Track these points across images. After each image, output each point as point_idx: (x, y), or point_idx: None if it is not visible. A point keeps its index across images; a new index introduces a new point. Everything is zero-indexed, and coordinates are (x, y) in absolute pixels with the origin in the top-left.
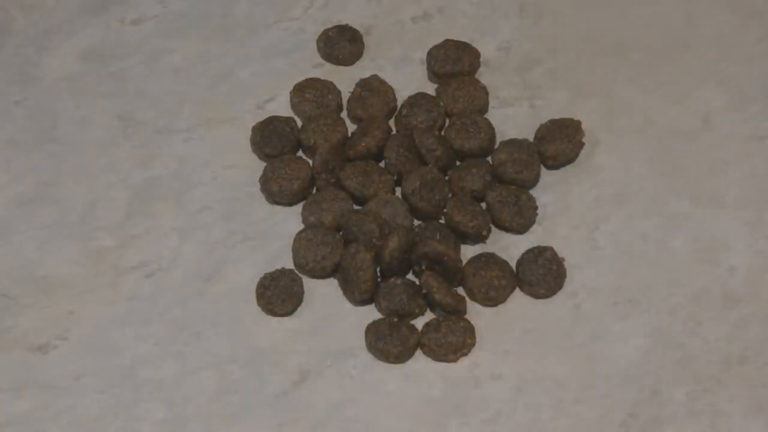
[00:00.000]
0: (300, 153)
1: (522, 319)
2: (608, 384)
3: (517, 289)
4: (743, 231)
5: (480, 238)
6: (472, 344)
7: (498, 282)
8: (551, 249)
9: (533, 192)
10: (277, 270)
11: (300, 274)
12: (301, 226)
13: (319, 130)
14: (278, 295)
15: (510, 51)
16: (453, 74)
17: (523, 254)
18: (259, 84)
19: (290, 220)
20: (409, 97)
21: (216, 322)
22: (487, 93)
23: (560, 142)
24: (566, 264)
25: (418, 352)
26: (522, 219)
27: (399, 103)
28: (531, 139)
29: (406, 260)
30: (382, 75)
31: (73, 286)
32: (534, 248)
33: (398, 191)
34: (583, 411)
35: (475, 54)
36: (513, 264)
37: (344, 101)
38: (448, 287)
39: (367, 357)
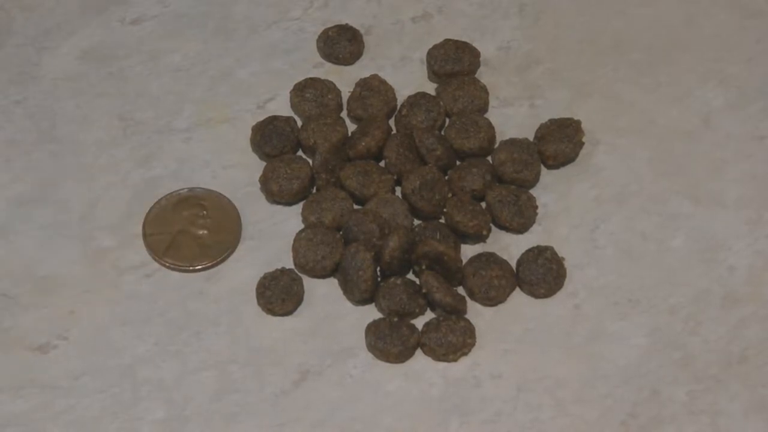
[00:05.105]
0: (300, 153)
1: (522, 318)
2: (608, 384)
3: (517, 288)
4: (743, 231)
5: (480, 237)
6: (472, 344)
7: (498, 282)
8: (551, 249)
9: (533, 192)
10: (277, 270)
11: (300, 274)
12: (301, 226)
13: (319, 130)
14: (278, 295)
15: (510, 51)
16: (453, 74)
17: (523, 254)
18: (259, 84)
19: (290, 220)
20: (409, 97)
21: (216, 322)
22: (487, 93)
23: (560, 141)
24: (566, 264)
25: (418, 352)
26: (522, 219)
27: (399, 103)
28: (531, 139)
29: (406, 260)
30: (382, 75)
31: (73, 286)
32: (534, 248)
33: (398, 191)
34: (583, 411)
35: (475, 54)
36: (513, 264)
37: (344, 101)
38: (448, 287)
39: (367, 357)
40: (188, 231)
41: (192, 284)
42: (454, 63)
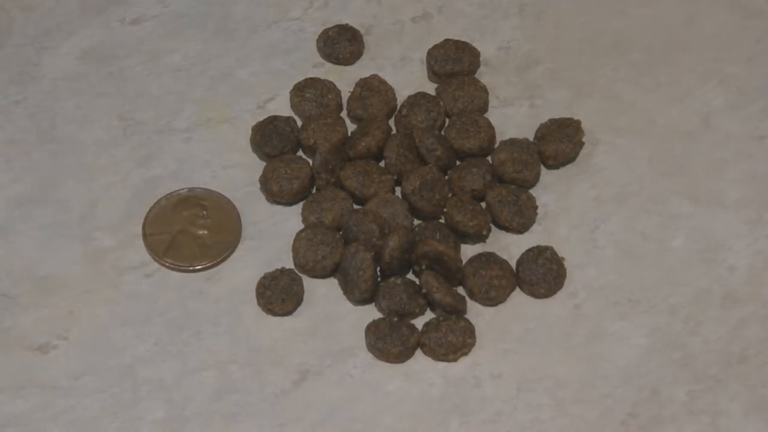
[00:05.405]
0: (300, 153)
1: (522, 318)
2: (608, 384)
3: (517, 288)
4: (743, 231)
5: (480, 237)
6: (472, 344)
7: (498, 282)
8: (551, 249)
9: (533, 192)
10: (277, 270)
11: (300, 274)
12: (301, 226)
13: (319, 130)
14: (278, 295)
15: (510, 51)
16: (453, 74)
17: (523, 254)
18: (259, 84)
19: (290, 220)
20: (409, 97)
21: (216, 322)
22: (487, 93)
23: (560, 141)
24: (566, 264)
25: (418, 352)
26: (522, 219)
27: (399, 103)
28: (531, 139)
29: (406, 260)
30: (382, 75)
31: (73, 286)
32: (534, 248)
33: (398, 191)
34: (583, 411)
35: (475, 54)
36: (513, 264)
37: (344, 101)
38: (448, 287)
39: (367, 357)
40: (188, 231)
41: (192, 284)
42: (454, 63)
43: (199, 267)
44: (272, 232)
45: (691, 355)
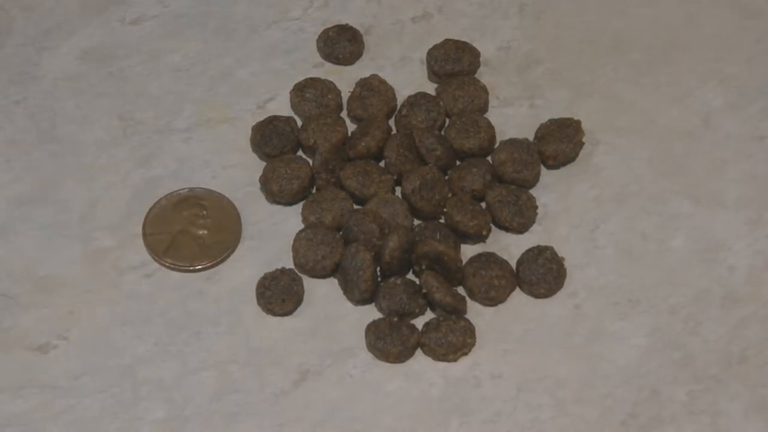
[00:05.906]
0: (300, 153)
1: (522, 318)
2: (608, 384)
3: (517, 288)
4: (743, 231)
5: (480, 237)
6: (472, 344)
7: (498, 282)
8: (551, 249)
9: (533, 192)
10: (277, 270)
11: (300, 274)
12: (301, 226)
13: (319, 130)
14: (278, 295)
15: (510, 51)
16: (453, 74)
17: (523, 254)
18: (259, 84)
19: (290, 220)
20: (409, 97)
21: (216, 322)
22: (487, 93)
23: (560, 141)
24: (566, 264)
25: (418, 352)
26: (522, 219)
27: (399, 103)
28: (531, 139)
29: (406, 260)
30: (382, 75)
31: (73, 286)
32: (534, 248)
33: (398, 191)
34: (583, 411)
35: (475, 54)
36: (513, 264)
37: (344, 101)
38: (448, 287)
39: (367, 357)
40: (188, 231)
41: (192, 284)
42: (454, 63)
43: (199, 267)
44: (272, 232)
45: (691, 355)
